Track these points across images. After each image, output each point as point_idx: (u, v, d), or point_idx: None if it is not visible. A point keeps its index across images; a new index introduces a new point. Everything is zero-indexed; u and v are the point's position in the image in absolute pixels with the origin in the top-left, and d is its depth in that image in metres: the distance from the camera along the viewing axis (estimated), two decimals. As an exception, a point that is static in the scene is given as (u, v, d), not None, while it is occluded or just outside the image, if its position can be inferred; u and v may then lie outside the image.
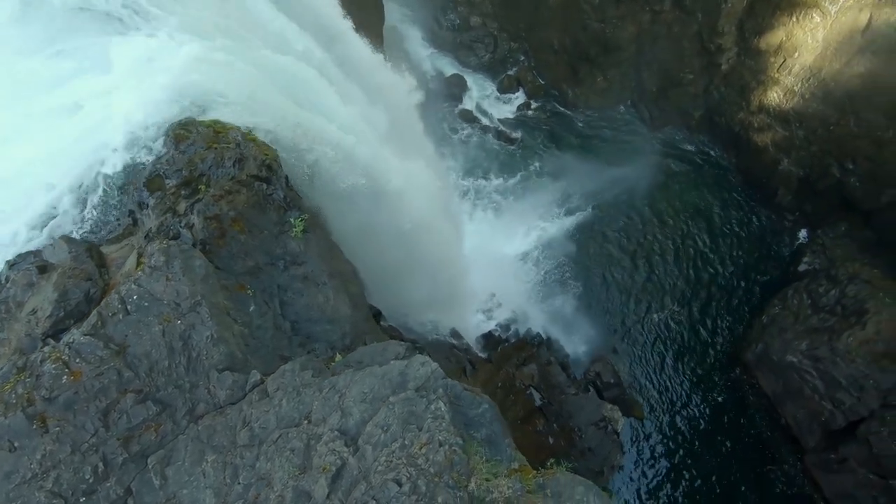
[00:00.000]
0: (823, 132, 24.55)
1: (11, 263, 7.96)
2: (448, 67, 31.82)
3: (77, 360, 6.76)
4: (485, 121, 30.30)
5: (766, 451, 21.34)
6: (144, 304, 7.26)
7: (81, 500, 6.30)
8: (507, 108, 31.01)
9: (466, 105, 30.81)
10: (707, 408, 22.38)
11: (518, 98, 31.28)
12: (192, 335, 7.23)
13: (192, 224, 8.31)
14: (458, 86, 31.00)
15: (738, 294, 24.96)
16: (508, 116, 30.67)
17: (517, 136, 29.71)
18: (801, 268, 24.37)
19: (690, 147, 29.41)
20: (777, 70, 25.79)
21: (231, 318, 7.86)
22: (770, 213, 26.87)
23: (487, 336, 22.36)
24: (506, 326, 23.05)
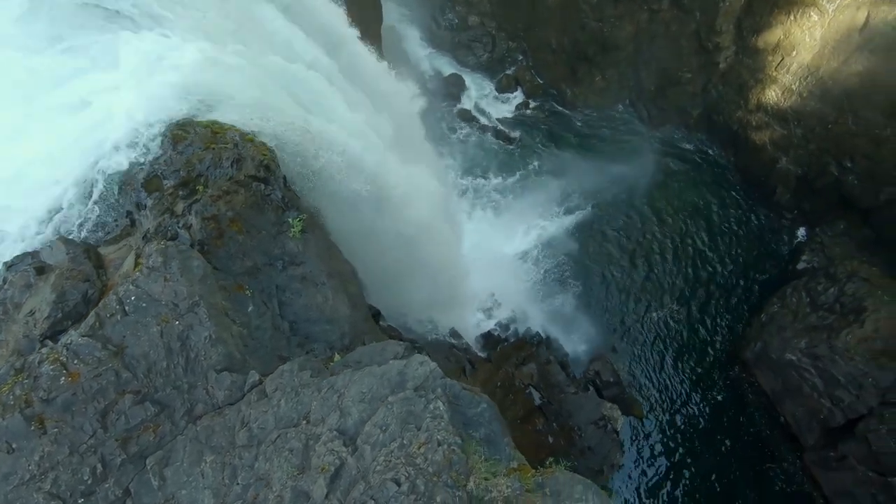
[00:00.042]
0: (822, 130, 24.58)
1: (9, 265, 7.95)
2: (446, 67, 31.83)
3: (75, 362, 6.75)
4: (483, 120, 30.27)
5: (766, 449, 21.35)
6: (142, 305, 7.26)
7: (80, 502, 6.28)
8: (506, 108, 31.00)
9: (465, 104, 30.79)
10: (706, 406, 22.39)
11: (516, 97, 31.26)
12: (191, 336, 7.23)
13: (190, 224, 8.30)
14: (457, 85, 30.99)
15: (737, 292, 24.97)
16: (507, 116, 30.65)
17: (516, 136, 29.68)
18: (800, 266, 24.39)
19: (689, 146, 29.43)
20: (775, 68, 25.82)
21: (229, 319, 7.85)
22: (768, 212, 26.90)
23: (487, 335, 22.34)
24: (505, 326, 23.02)
